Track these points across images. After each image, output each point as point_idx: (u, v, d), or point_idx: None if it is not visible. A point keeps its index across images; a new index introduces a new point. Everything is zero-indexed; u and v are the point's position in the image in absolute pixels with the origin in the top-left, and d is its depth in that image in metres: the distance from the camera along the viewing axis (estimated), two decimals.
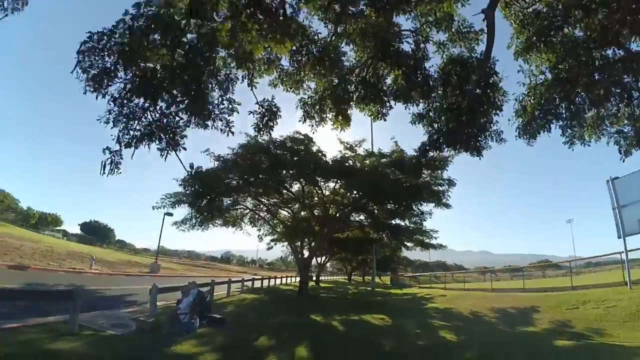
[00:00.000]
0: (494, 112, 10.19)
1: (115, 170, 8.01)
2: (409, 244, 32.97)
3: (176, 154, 8.51)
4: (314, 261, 52.60)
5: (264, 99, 10.00)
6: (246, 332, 10.45)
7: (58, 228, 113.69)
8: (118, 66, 7.39)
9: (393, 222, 27.78)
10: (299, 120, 11.91)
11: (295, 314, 15.66)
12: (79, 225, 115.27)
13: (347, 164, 22.17)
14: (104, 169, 7.92)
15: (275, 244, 38.66)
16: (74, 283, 17.14)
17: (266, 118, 9.95)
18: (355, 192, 23.51)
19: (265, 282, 33.12)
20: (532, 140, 10.45)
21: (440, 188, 23.19)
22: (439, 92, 10.85)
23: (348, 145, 23.06)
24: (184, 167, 9.43)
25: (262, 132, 10.47)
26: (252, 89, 9.46)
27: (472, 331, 13.60)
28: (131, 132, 8.09)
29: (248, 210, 28.62)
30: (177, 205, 22.45)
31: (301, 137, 21.31)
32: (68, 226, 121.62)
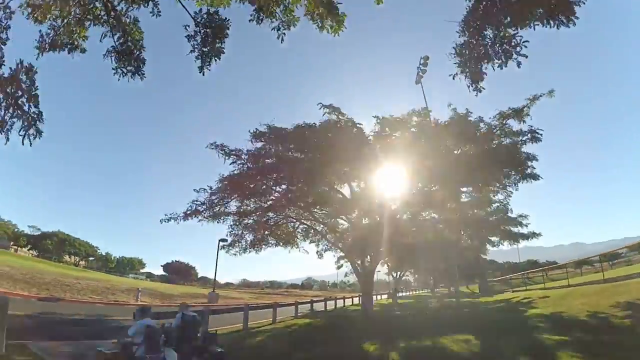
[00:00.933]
0: None
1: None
2: (493, 239, 26.79)
3: None
4: (388, 276, 47.25)
5: (200, 10, 6.46)
6: None
7: (143, 271, 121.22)
8: None
9: (471, 213, 22.43)
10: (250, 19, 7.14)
11: (342, 343, 11.60)
12: (161, 266, 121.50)
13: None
14: None
15: (342, 263, 34.74)
16: (95, 313, 16.37)
17: (209, 39, 6.39)
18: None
19: (337, 303, 30.49)
20: None
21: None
22: None
23: (395, 120, 18.25)
24: None
25: (207, 63, 7.04)
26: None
27: (613, 347, 8.31)
28: None
29: (297, 223, 24.90)
30: (192, 217, 18.46)
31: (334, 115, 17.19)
32: (153, 268, 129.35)
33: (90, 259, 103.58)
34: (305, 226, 25.09)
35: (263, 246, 24.01)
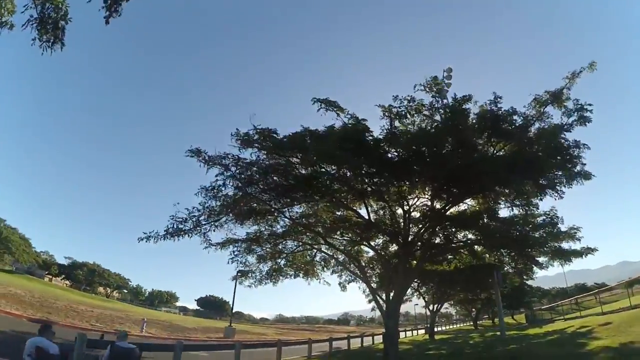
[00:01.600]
0: None
1: None
2: (541, 260, 22.52)
3: None
4: (425, 310, 42.75)
5: None
6: None
7: (178, 304, 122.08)
8: None
9: (514, 231, 18.83)
10: None
11: None
12: (195, 300, 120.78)
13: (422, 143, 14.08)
14: None
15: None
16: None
17: None
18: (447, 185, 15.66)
19: (366, 340, 28.71)
20: None
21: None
22: None
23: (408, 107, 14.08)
24: None
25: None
26: None
27: None
28: None
29: (314, 251, 21.70)
30: (174, 236, 14.34)
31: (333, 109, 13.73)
32: (188, 302, 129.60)
33: (124, 291, 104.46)
34: (325, 255, 22.23)
35: (280, 277, 21.64)
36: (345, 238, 20.88)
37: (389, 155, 14.01)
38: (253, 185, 13.56)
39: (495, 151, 13.97)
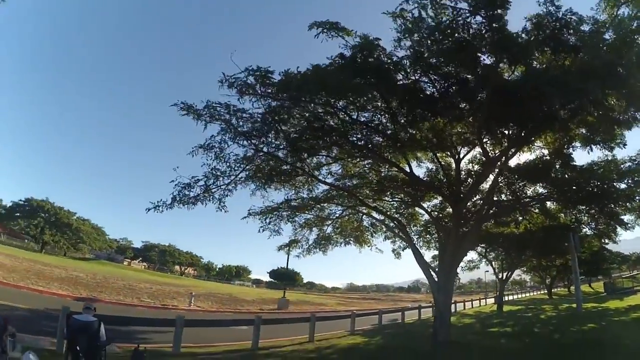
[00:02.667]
0: None
1: None
2: (626, 218, 18.35)
3: None
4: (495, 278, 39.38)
5: None
6: None
7: (251, 277, 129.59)
8: None
9: (594, 183, 15.36)
10: None
11: None
12: (267, 273, 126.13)
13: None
14: None
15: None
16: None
17: None
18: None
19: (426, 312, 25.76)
20: None
21: None
22: None
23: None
24: None
25: None
26: None
27: None
28: None
29: (360, 215, 19.55)
30: (181, 204, 12.18)
31: None
32: (261, 275, 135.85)
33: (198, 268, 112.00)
34: (373, 220, 20.10)
35: (330, 245, 20.23)
36: (396, 200, 18.73)
37: (420, 82, 11.26)
38: (263, 138, 11.59)
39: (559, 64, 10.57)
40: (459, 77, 10.71)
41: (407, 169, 14.91)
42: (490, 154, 14.03)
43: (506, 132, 13.10)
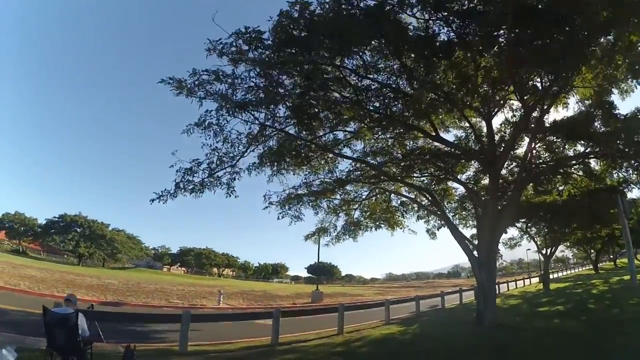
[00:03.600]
0: None
1: None
2: None
3: None
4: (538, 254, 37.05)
5: None
6: None
7: (289, 274, 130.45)
8: None
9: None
10: None
11: None
12: (305, 268, 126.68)
13: None
14: None
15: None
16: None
17: None
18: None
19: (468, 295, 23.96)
20: None
21: None
22: None
23: None
24: None
25: None
26: None
27: None
28: None
29: (388, 194, 18.27)
30: (186, 192, 11.29)
31: None
32: (299, 271, 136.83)
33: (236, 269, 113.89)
34: (402, 198, 18.76)
35: (360, 231, 19.02)
36: (426, 175, 17.23)
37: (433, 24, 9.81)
38: (266, 111, 10.43)
39: None
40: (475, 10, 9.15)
41: (434, 134, 13.55)
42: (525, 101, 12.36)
43: (538, 79, 11.43)
